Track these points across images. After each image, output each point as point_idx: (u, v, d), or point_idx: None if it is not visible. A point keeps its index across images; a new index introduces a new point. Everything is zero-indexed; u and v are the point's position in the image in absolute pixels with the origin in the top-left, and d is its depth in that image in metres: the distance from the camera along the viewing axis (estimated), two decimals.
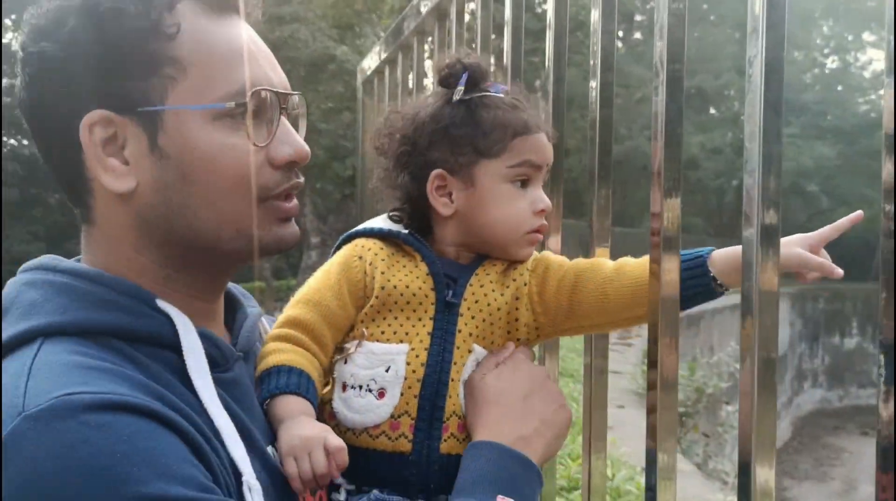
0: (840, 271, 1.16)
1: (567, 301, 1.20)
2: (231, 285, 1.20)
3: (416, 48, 2.43)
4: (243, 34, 1.03)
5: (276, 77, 1.05)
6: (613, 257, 1.29)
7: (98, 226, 1.03)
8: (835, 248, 1.19)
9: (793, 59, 25.93)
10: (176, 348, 0.97)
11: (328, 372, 1.18)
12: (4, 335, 0.92)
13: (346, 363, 1.16)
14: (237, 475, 0.92)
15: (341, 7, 14.27)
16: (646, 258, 1.16)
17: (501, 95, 1.22)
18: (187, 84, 0.97)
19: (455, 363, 1.15)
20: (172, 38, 0.96)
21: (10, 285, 1.01)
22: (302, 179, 1.09)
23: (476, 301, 1.18)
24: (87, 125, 0.96)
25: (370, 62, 3.10)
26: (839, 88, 30.52)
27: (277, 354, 1.12)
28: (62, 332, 0.92)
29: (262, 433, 1.04)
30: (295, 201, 1.09)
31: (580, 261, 1.25)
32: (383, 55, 2.80)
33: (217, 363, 1.02)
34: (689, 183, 22.99)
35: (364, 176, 3.24)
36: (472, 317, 1.18)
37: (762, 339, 0.92)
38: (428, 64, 2.55)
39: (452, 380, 1.14)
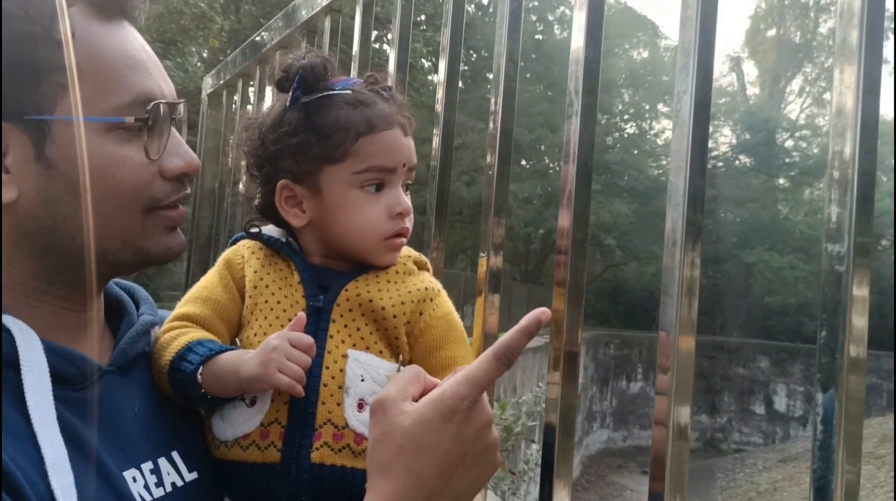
0: None
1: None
2: (130, 287, 1.16)
3: (278, 63, 2.32)
4: (135, 41, 1.00)
5: (166, 86, 1.02)
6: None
7: None
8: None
9: (597, 121, 27.82)
10: (17, 366, 0.90)
11: None
12: None
13: None
14: None
15: (166, 21, 13.65)
16: None
17: (347, 92, 1.13)
18: (79, 93, 0.92)
19: (327, 368, 1.07)
20: (63, 45, 0.91)
21: None
22: (189, 190, 1.06)
23: (350, 309, 1.11)
24: None
25: (219, 76, 2.94)
26: (635, 152, 33.04)
27: (183, 336, 1.07)
28: None
29: (131, 451, 0.99)
30: (182, 209, 1.05)
31: (457, 363, 1.12)
32: (237, 69, 2.66)
33: (71, 381, 0.95)
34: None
35: (202, 195, 3.04)
36: (346, 325, 1.10)
37: (679, 375, 0.90)
38: None
39: (325, 386, 1.06)
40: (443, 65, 1.43)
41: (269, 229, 1.20)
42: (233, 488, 1.10)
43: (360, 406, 1.07)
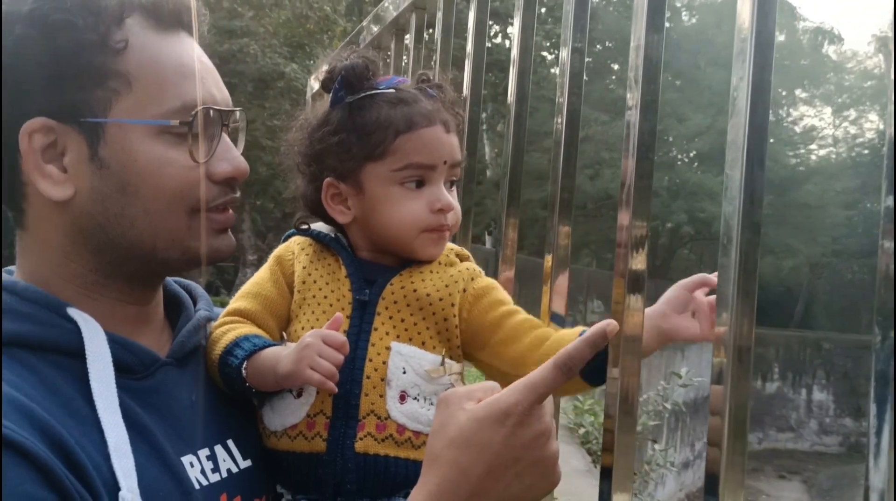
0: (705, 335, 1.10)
1: (485, 340, 1.15)
2: (188, 284, 1.22)
3: (323, 63, 2.36)
4: (190, 51, 1.05)
5: (220, 94, 1.07)
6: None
7: (30, 231, 1.04)
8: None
9: (727, 111, 26.66)
10: (83, 355, 0.96)
11: None
12: None
13: None
14: (118, 489, 0.90)
15: (293, 26, 14.16)
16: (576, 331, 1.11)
17: (391, 91, 1.15)
18: (132, 98, 0.98)
19: (371, 360, 1.10)
20: (120, 53, 0.98)
21: None
22: (238, 194, 1.11)
23: (395, 301, 1.13)
24: (28, 132, 0.97)
25: (321, 76, 3.01)
26: (771, 140, 31.51)
27: (232, 331, 1.12)
28: None
29: (189, 438, 1.04)
30: (231, 213, 1.10)
31: (514, 315, 1.15)
32: None
33: (132, 371, 1.01)
34: None
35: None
36: (391, 317, 1.13)
37: (735, 380, 0.85)
38: None
39: (368, 378, 1.09)
40: (514, 53, 1.40)
41: (320, 226, 1.23)
42: (283, 476, 1.14)
43: (402, 398, 1.09)
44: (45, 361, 0.94)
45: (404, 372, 1.10)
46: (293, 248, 1.21)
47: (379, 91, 1.15)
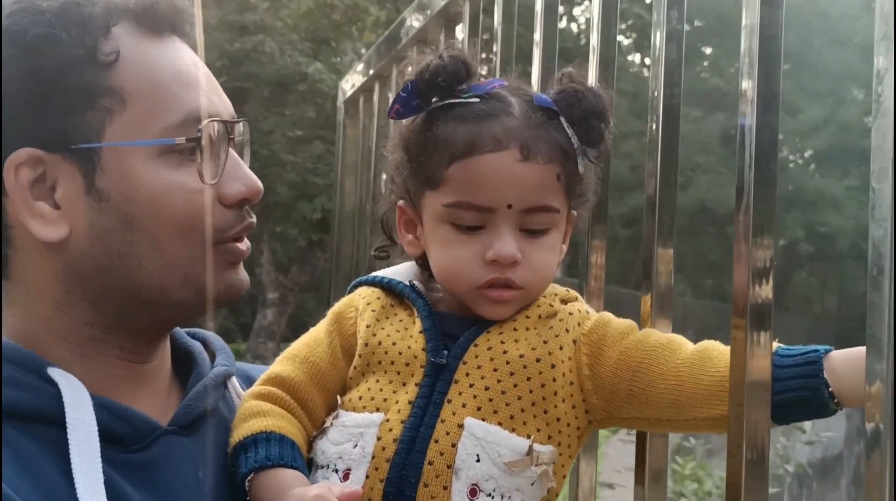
0: None
1: (628, 382, 1.09)
2: (204, 336, 1.23)
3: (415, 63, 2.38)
4: (186, 57, 1.07)
5: (221, 104, 1.09)
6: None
7: (16, 281, 1.05)
8: None
9: (853, 98, 26.23)
10: (63, 423, 0.97)
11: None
12: None
13: (321, 438, 1.12)
14: None
15: (316, 18, 14.32)
16: None
17: (474, 100, 1.10)
18: (128, 117, 1.01)
19: (437, 441, 1.05)
20: (110, 67, 1.00)
21: None
22: (254, 219, 1.13)
23: (479, 366, 1.09)
24: (13, 166, 0.98)
25: (355, 79, 3.06)
26: None
27: (259, 418, 1.10)
28: None
29: None
30: (247, 242, 1.12)
31: (651, 333, 1.14)
32: (372, 70, 2.75)
33: (125, 441, 1.01)
34: (728, 239, 23.05)
35: (342, 217, 3.16)
36: (472, 385, 1.08)
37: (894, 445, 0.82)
38: None
39: (431, 464, 1.05)
40: (594, 41, 1.40)
41: (394, 271, 1.21)
42: None
43: (473, 493, 1.04)
44: (21, 431, 0.95)
45: (478, 460, 1.04)
46: (357, 303, 1.19)
47: (459, 100, 1.10)
